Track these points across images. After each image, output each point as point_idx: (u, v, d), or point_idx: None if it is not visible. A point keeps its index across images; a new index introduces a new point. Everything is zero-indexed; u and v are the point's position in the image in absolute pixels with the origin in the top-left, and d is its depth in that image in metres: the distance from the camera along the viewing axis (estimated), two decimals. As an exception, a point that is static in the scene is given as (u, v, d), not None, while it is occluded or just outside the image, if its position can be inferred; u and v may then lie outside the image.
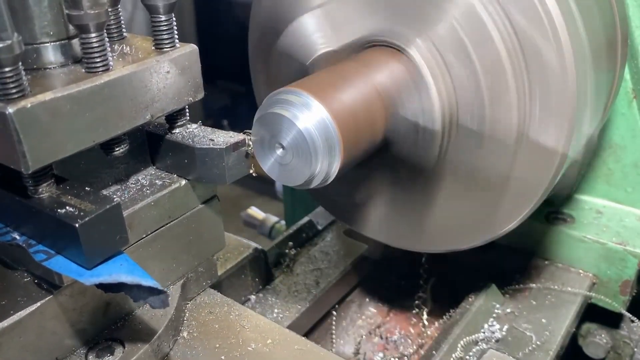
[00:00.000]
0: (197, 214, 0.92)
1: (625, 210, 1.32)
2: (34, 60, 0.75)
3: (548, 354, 1.07)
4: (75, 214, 0.69)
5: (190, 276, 0.96)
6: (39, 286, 0.77)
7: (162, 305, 0.73)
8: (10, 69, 0.63)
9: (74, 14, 0.69)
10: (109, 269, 0.71)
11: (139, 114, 0.78)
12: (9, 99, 0.64)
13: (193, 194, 0.90)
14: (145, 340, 0.82)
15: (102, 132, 0.74)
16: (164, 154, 0.90)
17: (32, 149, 0.66)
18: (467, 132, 0.91)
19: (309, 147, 0.79)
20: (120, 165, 0.87)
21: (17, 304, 0.74)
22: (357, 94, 0.87)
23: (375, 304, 1.38)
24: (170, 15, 0.81)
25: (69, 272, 0.71)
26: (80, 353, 0.81)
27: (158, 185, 0.87)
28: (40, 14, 0.73)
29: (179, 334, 0.90)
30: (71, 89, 0.69)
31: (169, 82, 0.81)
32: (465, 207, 0.98)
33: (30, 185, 0.73)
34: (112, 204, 0.71)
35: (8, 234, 0.77)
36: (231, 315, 0.94)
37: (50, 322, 0.77)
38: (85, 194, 0.73)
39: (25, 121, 0.64)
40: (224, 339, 0.89)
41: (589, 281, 1.25)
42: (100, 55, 0.72)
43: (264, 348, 0.87)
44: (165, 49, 0.81)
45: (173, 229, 0.89)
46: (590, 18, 0.93)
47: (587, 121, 0.94)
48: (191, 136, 0.88)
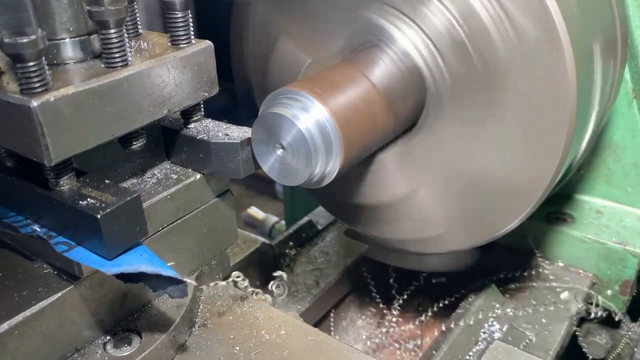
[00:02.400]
0: (211, 208, 0.93)
1: (625, 210, 1.33)
2: (54, 55, 0.76)
3: (548, 354, 1.07)
4: (97, 206, 0.71)
5: (204, 269, 0.97)
6: (59, 277, 0.79)
7: (181, 295, 0.74)
8: (34, 64, 0.65)
9: (95, 10, 0.71)
10: (130, 259, 0.72)
11: (157, 108, 0.79)
12: (33, 92, 0.66)
13: (208, 187, 0.92)
14: (162, 331, 0.84)
15: (122, 125, 0.75)
16: (179, 149, 0.91)
17: (54, 142, 0.67)
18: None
19: (309, 147, 0.79)
20: (137, 159, 0.89)
21: (38, 294, 0.76)
22: (357, 92, 0.88)
23: (375, 304, 1.39)
24: (187, 11, 0.82)
25: (91, 263, 0.72)
26: (98, 343, 0.83)
27: (174, 179, 0.89)
28: (60, 10, 0.75)
29: (194, 325, 0.91)
30: (92, 84, 0.70)
31: (186, 78, 0.82)
32: (465, 206, 0.99)
33: (51, 177, 0.74)
34: (132, 196, 0.73)
35: (29, 226, 0.79)
36: (244, 306, 0.95)
37: (70, 313, 0.78)
38: (106, 187, 0.74)
39: (48, 114, 0.66)
40: (238, 330, 0.91)
41: (589, 281, 1.25)
42: (119, 50, 0.74)
43: (277, 339, 0.89)
44: (182, 45, 0.82)
45: (188, 222, 0.91)
46: (591, 18, 0.93)
47: (587, 121, 0.95)
48: (206, 131, 0.89)
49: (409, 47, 0.91)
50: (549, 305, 1.19)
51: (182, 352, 0.87)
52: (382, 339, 1.35)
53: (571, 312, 1.18)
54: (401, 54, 0.91)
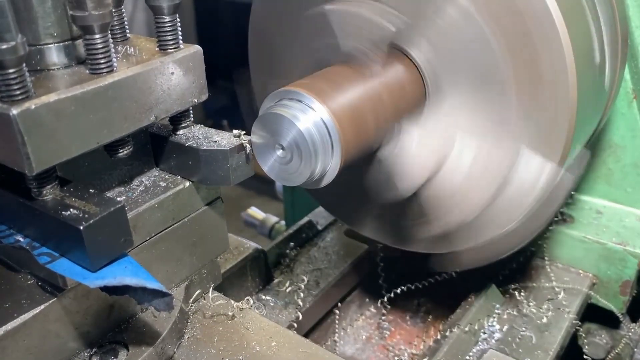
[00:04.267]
0: (201, 216, 0.91)
1: (625, 210, 1.32)
2: (37, 61, 0.74)
3: (548, 354, 1.07)
4: (80, 216, 0.69)
5: (194, 278, 0.95)
6: (42, 289, 0.77)
7: (167, 308, 0.72)
8: (14, 71, 0.63)
9: (78, 15, 0.69)
10: (114, 272, 0.70)
11: (143, 115, 0.77)
12: (13, 100, 0.64)
13: (197, 195, 0.90)
14: (149, 343, 0.82)
15: (107, 133, 0.73)
16: (167, 156, 0.89)
17: (36, 151, 0.65)
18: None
19: (309, 147, 0.79)
20: (124, 167, 0.87)
21: (20, 306, 0.74)
22: (357, 92, 0.87)
23: (375, 304, 1.38)
24: (175, 16, 0.80)
25: (74, 275, 0.70)
26: (84, 356, 0.81)
27: (162, 187, 0.87)
28: (44, 15, 0.73)
29: (183, 337, 0.89)
30: (75, 90, 0.68)
31: (173, 84, 0.80)
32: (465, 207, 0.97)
33: (34, 187, 0.72)
34: (116, 206, 0.71)
35: (12, 236, 0.77)
36: (235, 317, 0.93)
37: (54, 325, 0.76)
38: (90, 196, 0.72)
39: (29, 123, 0.64)
40: (228, 341, 0.89)
41: (589, 281, 1.25)
42: (104, 56, 0.72)
43: (268, 350, 0.87)
44: (170, 50, 0.81)
45: (177, 230, 0.89)
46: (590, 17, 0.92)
47: (587, 121, 0.94)
48: (195, 138, 0.87)
49: (407, 45, 0.90)
50: (549, 305, 1.19)
51: (171, 364, 0.85)
52: (382, 339, 1.34)
53: (571, 312, 1.17)
54: (398, 52, 0.90)
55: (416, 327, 1.36)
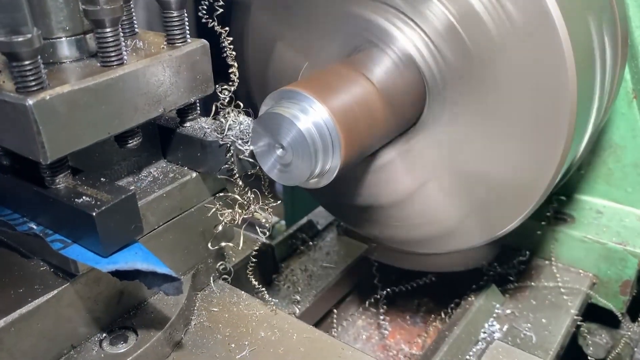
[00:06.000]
0: (207, 206, 0.93)
1: (625, 210, 1.32)
2: (50, 54, 0.77)
3: (548, 354, 1.07)
4: (92, 204, 0.71)
5: (201, 267, 0.98)
6: (55, 275, 0.79)
7: (176, 292, 0.75)
8: (29, 62, 0.65)
9: (90, 9, 0.71)
10: (125, 257, 0.73)
11: (152, 107, 0.80)
12: (28, 91, 0.66)
13: (204, 186, 0.92)
14: (157, 329, 0.84)
15: (117, 124, 0.76)
16: (175, 147, 0.92)
17: (50, 140, 0.68)
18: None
19: (309, 147, 0.79)
20: (132, 157, 0.89)
21: (34, 291, 0.76)
22: (357, 92, 0.88)
23: (375, 304, 1.39)
24: (182, 10, 0.83)
25: (86, 260, 0.73)
26: (94, 340, 0.83)
27: (170, 178, 0.89)
28: (56, 10, 0.76)
29: (190, 323, 0.92)
30: (88, 82, 0.71)
31: (181, 77, 0.83)
32: (465, 206, 0.99)
33: (47, 176, 0.75)
34: (127, 194, 0.73)
35: (25, 224, 0.79)
36: (240, 305, 0.96)
37: (66, 310, 0.79)
38: (101, 185, 0.75)
39: (44, 113, 0.66)
40: (233, 328, 0.91)
41: (589, 281, 1.26)
42: (115, 49, 0.74)
43: (273, 336, 0.89)
44: (177, 44, 0.83)
45: (184, 220, 0.91)
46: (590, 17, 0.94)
47: (587, 121, 0.95)
48: (202, 129, 0.89)
49: (408, 46, 0.91)
50: (549, 305, 1.20)
51: (178, 350, 0.87)
52: (382, 339, 1.35)
53: (571, 312, 1.18)
54: (400, 53, 0.92)
55: (416, 326, 1.37)
